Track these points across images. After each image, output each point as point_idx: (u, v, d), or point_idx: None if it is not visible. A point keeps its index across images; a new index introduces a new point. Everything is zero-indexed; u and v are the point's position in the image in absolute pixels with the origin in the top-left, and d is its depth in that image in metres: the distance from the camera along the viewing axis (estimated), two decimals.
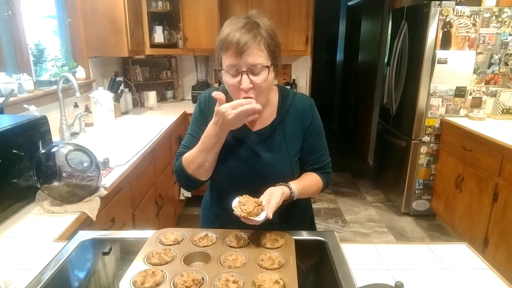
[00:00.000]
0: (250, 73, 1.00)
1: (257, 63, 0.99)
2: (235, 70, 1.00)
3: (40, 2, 2.48)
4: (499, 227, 2.43)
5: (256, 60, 0.99)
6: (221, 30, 1.04)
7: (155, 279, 0.83)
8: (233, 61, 0.99)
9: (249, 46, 0.97)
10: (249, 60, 0.98)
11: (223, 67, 1.03)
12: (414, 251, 1.11)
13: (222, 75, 1.05)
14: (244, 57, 0.98)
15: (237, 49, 0.97)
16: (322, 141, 1.21)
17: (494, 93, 3.17)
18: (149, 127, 2.68)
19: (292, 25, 3.57)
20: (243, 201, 0.98)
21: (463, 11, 2.99)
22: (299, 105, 1.18)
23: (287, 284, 0.82)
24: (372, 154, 4.79)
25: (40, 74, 2.36)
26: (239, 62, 0.98)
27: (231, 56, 0.99)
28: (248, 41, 0.97)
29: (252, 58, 0.98)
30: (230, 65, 1.00)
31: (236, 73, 1.00)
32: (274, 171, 1.13)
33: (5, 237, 1.17)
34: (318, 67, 5.33)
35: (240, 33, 0.97)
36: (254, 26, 1.00)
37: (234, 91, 1.04)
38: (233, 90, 1.04)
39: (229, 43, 0.98)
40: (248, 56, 0.98)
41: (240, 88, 1.00)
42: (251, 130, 1.16)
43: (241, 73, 0.99)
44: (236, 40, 0.97)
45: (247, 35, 0.97)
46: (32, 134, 1.43)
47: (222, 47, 1.00)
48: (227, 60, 1.00)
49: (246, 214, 0.94)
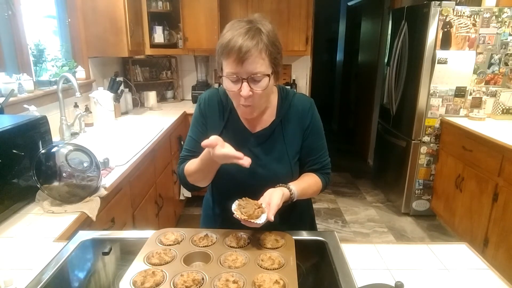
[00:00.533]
0: (250, 81, 1.00)
1: (258, 72, 0.99)
2: (236, 77, 1.00)
3: (40, 2, 2.48)
4: (499, 227, 2.43)
5: (256, 68, 0.98)
6: (222, 34, 1.02)
7: (155, 279, 0.83)
8: (234, 69, 0.98)
9: (251, 55, 0.96)
10: (250, 68, 0.98)
11: (224, 73, 1.02)
12: (414, 251, 1.11)
13: (223, 80, 1.05)
14: (246, 65, 0.97)
15: (239, 56, 0.96)
16: (321, 142, 1.21)
17: (494, 93, 3.17)
18: (149, 127, 2.68)
19: (292, 25, 3.57)
20: (243, 203, 0.98)
21: (463, 11, 2.99)
22: (298, 105, 1.18)
23: (287, 284, 0.82)
24: (372, 154, 4.79)
25: (40, 74, 2.36)
26: (240, 70, 0.98)
27: (232, 63, 0.98)
28: (250, 49, 0.96)
29: (253, 66, 0.98)
30: (231, 73, 0.99)
31: (237, 79, 1.00)
32: (273, 172, 1.13)
33: (5, 237, 1.17)
34: (318, 67, 5.33)
35: (242, 40, 0.96)
36: (256, 32, 0.98)
37: (234, 97, 1.05)
38: (233, 95, 1.06)
39: (231, 50, 0.96)
40: (249, 65, 0.97)
41: (239, 95, 1.01)
42: (251, 132, 1.17)
43: (242, 81, 0.99)
44: (238, 48, 0.95)
45: (249, 43, 0.96)
46: (32, 134, 1.43)
47: (224, 52, 0.99)
48: (228, 67, 0.99)
49: (247, 217, 0.94)
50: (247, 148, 1.14)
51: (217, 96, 1.20)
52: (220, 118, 1.18)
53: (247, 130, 1.16)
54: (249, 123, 1.18)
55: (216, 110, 1.19)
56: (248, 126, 1.17)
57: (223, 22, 3.46)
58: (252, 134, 1.16)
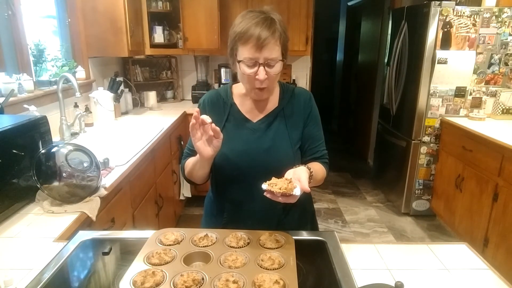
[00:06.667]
0: (266, 65, 1.08)
1: (274, 58, 1.08)
2: (253, 62, 1.07)
3: (40, 2, 2.48)
4: (499, 227, 2.43)
5: (272, 54, 1.07)
6: (235, 23, 1.10)
7: (155, 279, 0.83)
8: (252, 54, 1.06)
9: (269, 42, 1.05)
10: (267, 54, 1.06)
11: (241, 58, 1.09)
12: (414, 251, 1.11)
13: (239, 65, 1.11)
14: (263, 51, 1.05)
15: (258, 43, 1.04)
16: (320, 132, 1.27)
17: (494, 93, 3.17)
18: (149, 127, 2.68)
19: (292, 25, 3.57)
20: (273, 182, 0.97)
21: (463, 11, 2.99)
22: (299, 95, 1.26)
23: (287, 284, 0.82)
24: (372, 154, 4.79)
25: (40, 74, 2.36)
26: (259, 55, 1.06)
27: (250, 49, 1.06)
28: (268, 37, 1.04)
29: (269, 52, 1.06)
30: (249, 58, 1.07)
31: (253, 64, 1.07)
32: (276, 158, 1.16)
33: (5, 237, 1.17)
34: (318, 67, 5.32)
35: (260, 28, 1.04)
36: (272, 22, 1.07)
37: (249, 81, 1.12)
38: (248, 79, 1.12)
39: (250, 37, 1.05)
40: (267, 51, 1.06)
41: (256, 78, 1.09)
42: (253, 121, 1.22)
43: (259, 65, 1.07)
44: (257, 35, 1.04)
45: (267, 31, 1.05)
46: (32, 134, 1.43)
47: (242, 39, 1.06)
48: (246, 52, 1.07)
49: (285, 190, 0.93)
50: (250, 134, 1.19)
51: (217, 94, 1.26)
52: (222, 113, 1.23)
53: (249, 120, 1.22)
54: (251, 114, 1.22)
55: (217, 106, 1.24)
56: (250, 117, 1.22)
57: (223, 22, 3.46)
58: (254, 123, 1.22)
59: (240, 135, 1.19)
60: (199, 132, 1.01)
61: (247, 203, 1.20)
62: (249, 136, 1.19)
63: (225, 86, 1.28)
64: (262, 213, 1.19)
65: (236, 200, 1.21)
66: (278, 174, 1.02)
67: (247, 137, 1.19)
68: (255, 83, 1.11)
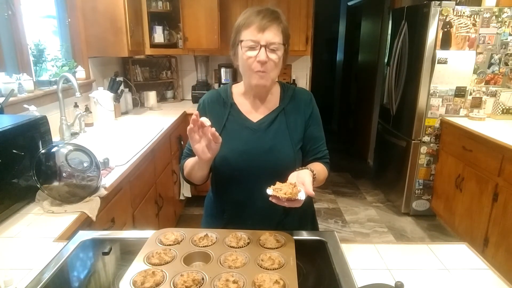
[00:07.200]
0: (267, 49, 1.09)
1: (275, 41, 1.10)
2: (255, 44, 1.09)
3: (40, 2, 2.48)
4: (499, 227, 2.43)
5: (274, 38, 1.10)
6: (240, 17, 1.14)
7: (155, 279, 0.83)
8: (254, 36, 1.09)
9: (272, 25, 1.09)
10: (269, 37, 1.09)
11: (243, 39, 1.11)
12: (414, 251, 1.11)
13: (241, 48, 1.12)
14: (265, 34, 1.09)
15: (261, 25, 1.08)
16: (321, 132, 1.27)
17: (494, 93, 3.17)
18: (149, 127, 2.68)
19: (292, 25, 3.56)
20: (278, 186, 0.97)
21: (463, 11, 2.99)
22: (300, 96, 1.26)
23: (287, 284, 0.82)
24: (372, 154, 4.79)
25: (40, 74, 2.36)
26: (260, 37, 1.09)
27: (252, 31, 1.09)
28: (271, 20, 1.09)
29: (271, 36, 1.09)
30: (251, 40, 1.09)
31: (255, 46, 1.09)
32: (276, 158, 1.16)
33: (5, 237, 1.17)
34: (318, 67, 5.32)
35: (263, 14, 1.10)
36: (274, 12, 1.12)
37: (250, 63, 1.11)
38: (249, 64, 1.12)
39: (252, 20, 1.09)
40: (269, 34, 1.09)
41: (257, 61, 1.10)
42: (253, 121, 1.21)
43: (260, 47, 1.09)
44: (260, 19, 1.09)
45: (269, 17, 1.10)
46: (32, 134, 1.43)
47: (245, 23, 1.10)
48: (248, 35, 1.10)
49: (291, 195, 0.94)
50: (251, 134, 1.19)
51: (217, 94, 1.26)
52: (222, 113, 1.22)
53: (249, 120, 1.21)
54: (251, 114, 1.22)
55: (217, 106, 1.24)
56: (250, 117, 1.21)
57: (223, 22, 3.46)
58: (254, 123, 1.21)
59: (240, 135, 1.19)
60: (198, 135, 1.01)
61: (247, 204, 1.20)
62: (250, 136, 1.18)
63: (225, 86, 1.28)
64: (262, 213, 1.18)
65: (236, 200, 1.21)
66: (279, 174, 1.02)
67: (247, 137, 1.18)
68: (255, 66, 1.11)
